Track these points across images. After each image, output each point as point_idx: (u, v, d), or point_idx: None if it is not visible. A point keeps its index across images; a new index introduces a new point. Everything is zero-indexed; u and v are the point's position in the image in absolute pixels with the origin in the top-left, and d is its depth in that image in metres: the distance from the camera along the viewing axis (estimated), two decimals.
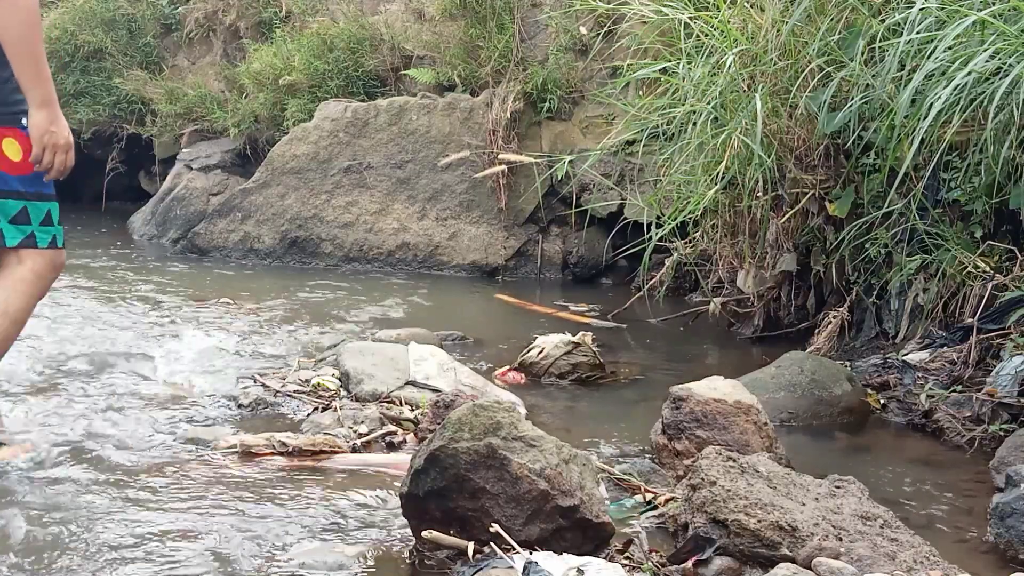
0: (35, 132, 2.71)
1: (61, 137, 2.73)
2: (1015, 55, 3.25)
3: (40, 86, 2.70)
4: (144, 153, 8.82)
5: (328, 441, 3.05)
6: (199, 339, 4.41)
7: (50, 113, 2.72)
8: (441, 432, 2.29)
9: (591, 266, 6.66)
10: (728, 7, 4.49)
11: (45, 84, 2.70)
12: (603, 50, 6.28)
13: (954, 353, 3.79)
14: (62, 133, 2.74)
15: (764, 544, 2.20)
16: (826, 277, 4.60)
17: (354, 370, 3.68)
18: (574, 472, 2.29)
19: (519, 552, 2.15)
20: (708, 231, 4.89)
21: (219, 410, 3.46)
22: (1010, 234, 3.96)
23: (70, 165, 2.79)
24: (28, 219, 2.82)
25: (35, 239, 2.83)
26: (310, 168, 6.90)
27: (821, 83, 4.23)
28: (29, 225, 2.82)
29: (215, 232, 7.09)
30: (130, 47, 8.88)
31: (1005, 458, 2.89)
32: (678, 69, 4.65)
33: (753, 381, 3.57)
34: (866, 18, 4.05)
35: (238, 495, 2.66)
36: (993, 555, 2.47)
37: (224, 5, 8.46)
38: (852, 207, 4.37)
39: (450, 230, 6.69)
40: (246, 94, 7.83)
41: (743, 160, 4.36)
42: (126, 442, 3.04)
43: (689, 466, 2.62)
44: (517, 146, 6.55)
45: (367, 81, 7.26)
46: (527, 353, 4.12)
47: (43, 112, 2.70)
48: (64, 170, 2.78)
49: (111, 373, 3.82)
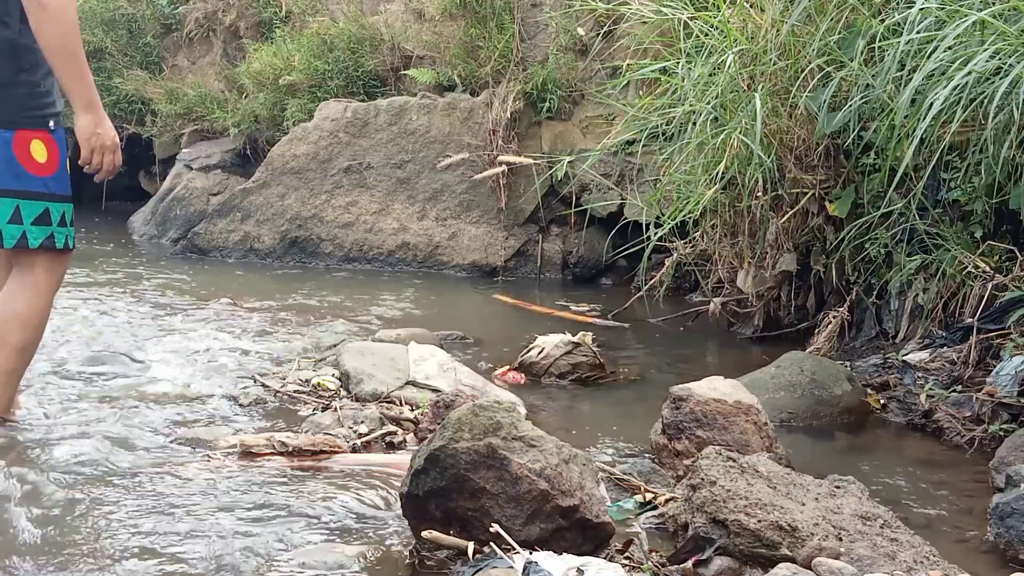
0: (82, 135, 2.85)
1: (107, 138, 2.88)
2: (1015, 55, 3.25)
3: (84, 90, 2.82)
4: (144, 153, 8.82)
5: (328, 441, 3.05)
6: (199, 339, 4.41)
7: (95, 116, 2.85)
8: (441, 432, 2.29)
9: (591, 266, 6.66)
10: (728, 7, 4.49)
11: (88, 88, 2.83)
12: (603, 50, 6.28)
13: (954, 353, 3.79)
14: (108, 134, 2.88)
15: (764, 544, 2.20)
16: (826, 277, 4.60)
17: (354, 370, 3.68)
18: (574, 472, 2.29)
19: (519, 552, 2.15)
20: (708, 231, 4.89)
21: (219, 410, 3.46)
22: (1010, 234, 3.96)
23: (118, 164, 2.95)
24: (49, 220, 2.92)
25: (53, 240, 2.94)
26: (310, 168, 6.90)
27: (821, 83, 4.23)
28: (49, 226, 2.93)
29: (215, 232, 7.09)
30: (130, 47, 8.88)
31: (1005, 458, 2.89)
32: (678, 69, 4.66)
33: (753, 381, 3.57)
34: (866, 18, 4.05)
35: (238, 495, 2.66)
36: (993, 555, 2.47)
37: (224, 5, 8.46)
38: (852, 207, 4.37)
39: (450, 230, 6.69)
40: (246, 94, 7.83)
41: (743, 160, 4.36)
42: (125, 442, 3.04)
43: (689, 466, 2.62)
44: (517, 146, 6.55)
45: (367, 81, 7.26)
46: (527, 353, 4.12)
47: (88, 115, 2.84)
48: (112, 170, 2.94)
49: (110, 373, 3.82)
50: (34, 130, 2.86)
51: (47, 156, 2.87)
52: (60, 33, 2.76)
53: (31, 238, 2.89)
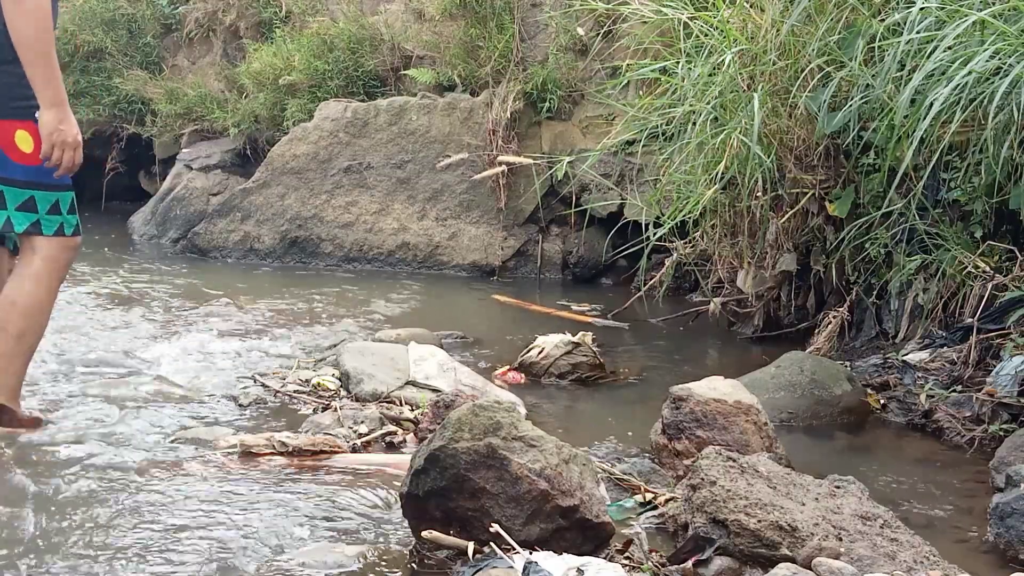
0: (44, 130, 2.85)
1: (69, 135, 2.88)
2: (1015, 55, 3.25)
3: (50, 87, 2.83)
4: (144, 153, 8.81)
5: (328, 441, 3.05)
6: (199, 339, 4.41)
7: (59, 112, 2.86)
8: (441, 432, 2.29)
9: (591, 266, 6.65)
10: (727, 7, 4.49)
11: (55, 85, 2.84)
12: (603, 50, 6.28)
13: (954, 353, 3.79)
14: (70, 131, 2.88)
15: (764, 544, 2.20)
16: (826, 277, 4.60)
17: (354, 370, 3.68)
18: (574, 472, 2.29)
19: (519, 552, 2.15)
20: (708, 231, 4.88)
21: (219, 410, 3.46)
22: (1010, 234, 3.96)
23: (78, 162, 2.94)
24: (35, 207, 2.96)
25: (40, 227, 2.98)
26: (310, 168, 6.90)
27: (821, 83, 4.23)
28: (35, 213, 2.97)
29: (215, 232, 7.09)
30: (130, 47, 8.87)
31: (1005, 458, 2.89)
32: (677, 69, 4.65)
33: (753, 381, 3.57)
34: (866, 18, 4.05)
35: (238, 495, 2.66)
36: (993, 555, 2.47)
37: (224, 5, 8.45)
38: (852, 207, 4.37)
39: (450, 230, 6.69)
40: (246, 94, 7.82)
41: (742, 160, 4.36)
42: (126, 441, 3.05)
43: (689, 466, 2.62)
44: (517, 146, 6.55)
45: (367, 81, 7.25)
46: (527, 353, 4.12)
47: (53, 111, 2.84)
48: (72, 167, 2.93)
49: (110, 373, 3.82)
50: (19, 120, 2.89)
51: (34, 146, 2.89)
52: (32, 28, 2.77)
53: (16, 223, 2.95)
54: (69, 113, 2.90)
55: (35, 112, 2.87)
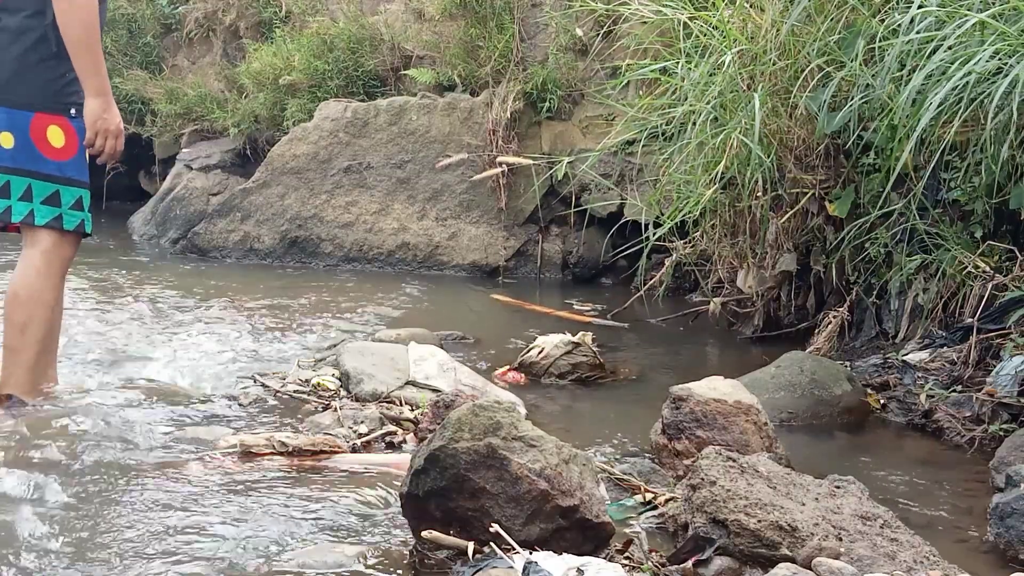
0: (90, 118, 3.06)
1: (112, 123, 3.09)
2: (1015, 55, 3.25)
3: (96, 77, 3.04)
4: (144, 153, 8.81)
5: (328, 441, 3.05)
6: (198, 339, 4.41)
7: (104, 101, 3.07)
8: (441, 432, 2.29)
9: (591, 266, 6.65)
10: (727, 7, 4.49)
11: (102, 76, 3.06)
12: (603, 50, 6.28)
13: (954, 353, 3.79)
14: (114, 120, 3.10)
15: (764, 544, 2.20)
16: (826, 277, 4.60)
17: (354, 370, 3.68)
18: (574, 472, 2.29)
19: (519, 552, 2.15)
20: (708, 231, 4.88)
21: (219, 410, 3.46)
22: (1010, 234, 3.96)
23: (120, 150, 3.15)
24: (59, 202, 3.09)
25: (61, 220, 3.11)
26: (310, 168, 6.90)
27: (821, 83, 4.23)
28: (58, 208, 3.10)
29: (215, 232, 7.09)
30: (130, 47, 8.87)
31: (1005, 458, 2.89)
32: (677, 69, 4.66)
33: (753, 381, 3.57)
34: (866, 18, 4.05)
35: (238, 495, 2.66)
36: (993, 555, 2.47)
37: (224, 5, 8.45)
38: (852, 207, 4.37)
39: (450, 230, 6.69)
40: (246, 94, 7.82)
41: (742, 160, 4.36)
42: (126, 442, 3.04)
43: (689, 466, 2.62)
44: (517, 146, 6.55)
45: (367, 81, 7.25)
46: (527, 353, 4.12)
47: (98, 100, 3.05)
48: (115, 154, 3.14)
49: (110, 373, 3.82)
50: (53, 114, 3.05)
51: (65, 141, 3.05)
52: (82, 24, 2.96)
53: (38, 215, 3.07)
54: (113, 103, 3.09)
55: (71, 108, 3.04)
